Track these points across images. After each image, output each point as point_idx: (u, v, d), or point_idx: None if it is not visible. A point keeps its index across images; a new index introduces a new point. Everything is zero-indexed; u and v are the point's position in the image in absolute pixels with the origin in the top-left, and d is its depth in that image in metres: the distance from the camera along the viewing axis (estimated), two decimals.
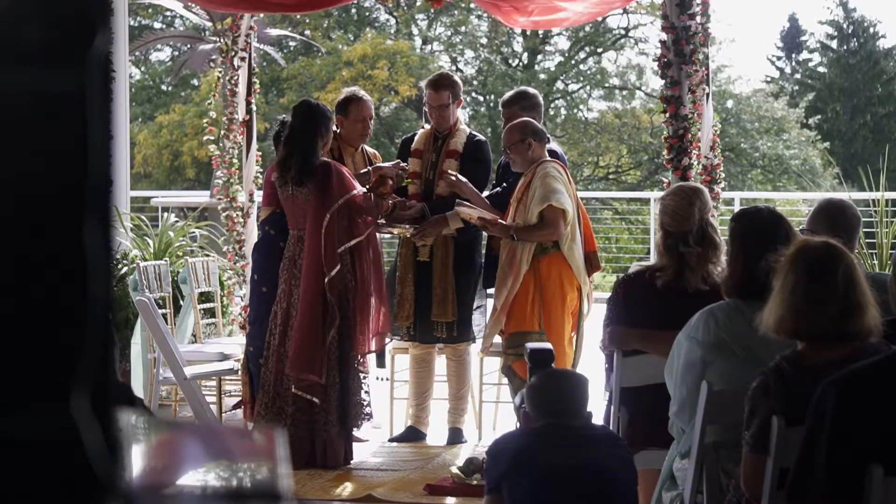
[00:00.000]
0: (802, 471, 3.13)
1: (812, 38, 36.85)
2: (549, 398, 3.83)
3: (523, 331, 6.30)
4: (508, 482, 3.69)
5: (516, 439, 3.88)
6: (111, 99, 0.83)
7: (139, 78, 30.46)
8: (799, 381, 3.36)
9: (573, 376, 4.05)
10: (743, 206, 4.98)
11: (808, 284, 3.39)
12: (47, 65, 0.80)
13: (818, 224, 4.68)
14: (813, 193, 20.17)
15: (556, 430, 3.77)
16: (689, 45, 7.49)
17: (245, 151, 9.01)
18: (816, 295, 3.38)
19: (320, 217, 6.35)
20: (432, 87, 7.03)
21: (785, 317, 3.42)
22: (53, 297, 0.80)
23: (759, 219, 4.13)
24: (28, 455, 0.79)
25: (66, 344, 0.80)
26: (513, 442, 3.85)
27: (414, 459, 6.62)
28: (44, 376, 0.80)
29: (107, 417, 0.81)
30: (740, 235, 4.11)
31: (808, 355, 3.42)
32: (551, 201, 6.25)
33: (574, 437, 3.77)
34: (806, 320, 3.39)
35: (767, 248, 3.93)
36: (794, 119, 29.24)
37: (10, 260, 0.79)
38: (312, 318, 6.33)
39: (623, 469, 3.76)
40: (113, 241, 0.83)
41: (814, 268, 3.41)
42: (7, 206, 0.79)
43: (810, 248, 3.46)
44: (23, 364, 0.79)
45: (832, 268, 3.39)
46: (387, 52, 27.02)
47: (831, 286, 3.38)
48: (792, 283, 3.41)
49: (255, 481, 1.00)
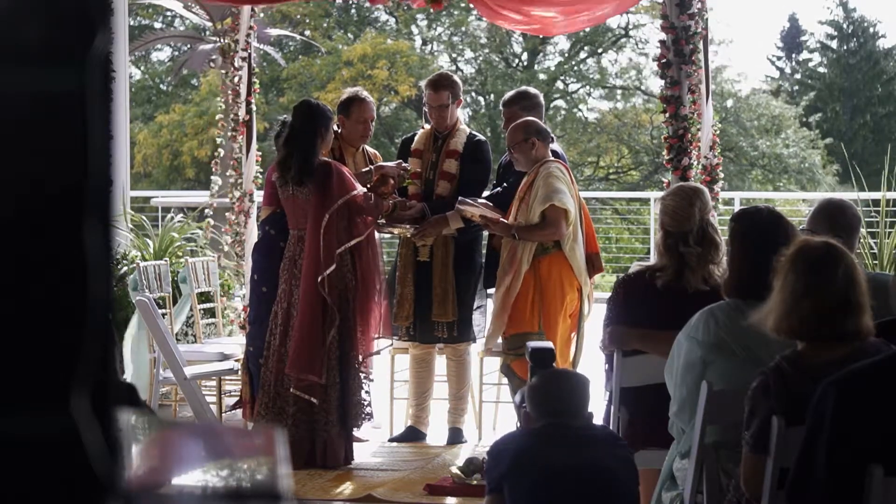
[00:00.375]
0: (802, 471, 3.13)
1: (812, 38, 36.87)
2: (549, 398, 3.83)
3: (523, 332, 6.30)
4: (509, 482, 3.70)
5: (517, 440, 3.88)
6: (111, 99, 0.83)
7: (139, 78, 30.46)
8: (799, 380, 3.35)
9: (574, 376, 4.05)
10: (743, 206, 4.97)
11: (808, 284, 3.39)
12: (47, 65, 0.80)
13: (818, 224, 4.68)
14: (813, 193, 20.19)
15: (557, 431, 3.77)
16: (688, 45, 7.50)
17: (245, 151, 9.02)
18: (816, 294, 3.38)
19: (320, 217, 6.35)
20: (432, 88, 7.03)
21: (784, 316, 3.41)
22: (53, 297, 0.80)
23: (759, 219, 4.13)
24: (28, 455, 0.79)
25: (66, 344, 0.80)
26: (513, 442, 3.85)
27: (414, 459, 6.62)
28: (44, 376, 0.80)
29: (107, 417, 0.81)
30: (740, 235, 4.11)
31: (808, 355, 3.42)
32: (553, 201, 6.25)
33: (574, 438, 3.77)
34: (806, 320, 3.39)
35: (768, 248, 3.93)
36: (792, 117, 29.25)
37: (10, 260, 0.79)
38: (312, 319, 6.33)
39: (624, 469, 3.77)
40: (113, 241, 0.83)
41: (814, 267, 3.41)
42: (7, 206, 0.79)
43: (810, 247, 3.46)
44: (23, 364, 0.79)
45: (832, 267, 3.39)
46: (387, 52, 27.02)
47: (831, 286, 3.38)
48: (792, 283, 3.41)
49: (255, 481, 1.00)
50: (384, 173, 6.69)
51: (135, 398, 3.31)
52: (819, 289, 3.38)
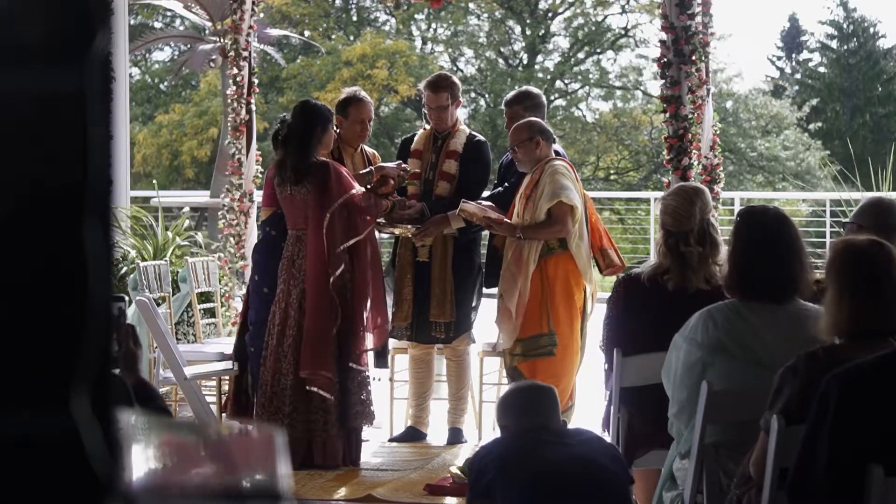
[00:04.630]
0: (804, 464, 3.12)
1: (812, 38, 36.86)
2: (526, 407, 3.90)
3: (534, 335, 6.30)
4: (501, 488, 3.69)
5: (499, 447, 3.91)
6: (111, 99, 0.83)
7: (139, 78, 30.45)
8: (828, 370, 3.31)
9: (541, 387, 4.11)
10: (746, 205, 4.95)
11: (850, 281, 3.36)
12: (47, 65, 0.80)
13: (865, 219, 4.61)
14: (813, 193, 20.17)
15: (538, 434, 3.82)
16: (688, 45, 7.50)
17: (245, 151, 9.02)
18: (857, 292, 3.36)
19: (321, 217, 6.35)
20: (431, 89, 7.02)
21: (829, 316, 3.39)
22: (53, 296, 0.80)
23: (764, 218, 4.11)
24: (28, 455, 0.79)
25: (66, 344, 0.80)
26: (495, 450, 3.88)
27: (414, 459, 6.62)
28: (44, 376, 0.80)
29: (107, 417, 0.81)
30: (745, 233, 4.08)
31: (846, 348, 3.37)
32: (561, 197, 6.24)
33: (557, 437, 3.83)
34: (846, 317, 3.36)
35: (770, 248, 3.93)
36: (792, 118, 29.24)
37: (11, 260, 0.79)
38: (320, 317, 6.34)
39: (611, 461, 3.79)
40: (113, 241, 0.82)
41: (856, 265, 3.38)
42: (7, 206, 0.79)
43: (854, 245, 3.44)
44: (23, 364, 0.79)
45: (874, 265, 3.37)
46: (386, 52, 27.01)
47: (873, 283, 3.35)
48: (835, 281, 3.38)
49: (255, 481, 1.00)
50: (384, 174, 6.69)
51: (152, 395, 3.32)
52: (859, 286, 3.36)
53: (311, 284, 6.36)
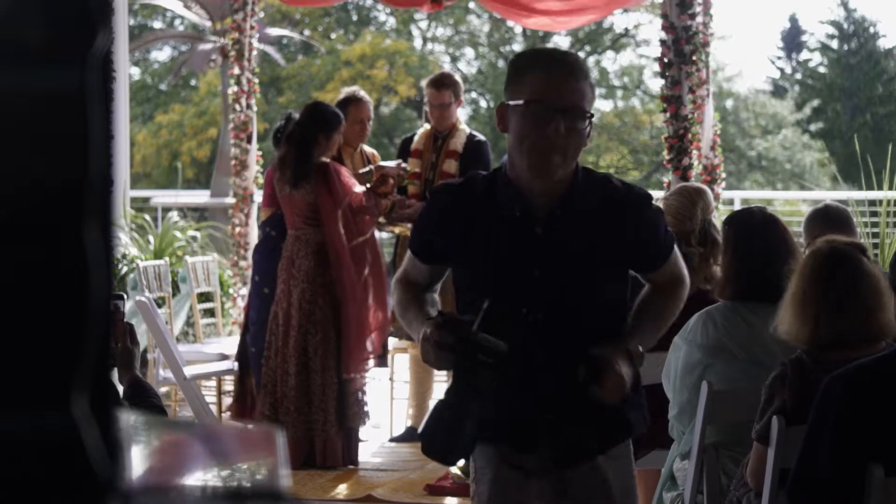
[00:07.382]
0: (804, 467, 3.12)
1: (812, 37, 36.87)
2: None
3: None
4: None
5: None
6: (111, 99, 0.83)
7: (139, 78, 30.45)
8: (817, 374, 3.32)
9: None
10: (735, 209, 4.97)
11: (820, 288, 3.37)
12: (47, 65, 0.80)
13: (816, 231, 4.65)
14: (813, 193, 20.16)
15: None
16: (689, 45, 7.49)
17: (246, 151, 9.01)
18: (826, 298, 3.36)
19: (334, 217, 6.37)
20: (434, 86, 7.03)
21: (797, 323, 3.39)
22: (53, 297, 0.80)
23: (751, 221, 4.11)
24: (28, 455, 0.79)
25: (66, 344, 0.80)
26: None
27: (414, 459, 6.62)
28: (44, 376, 0.80)
29: (107, 417, 0.81)
30: (733, 239, 4.08)
31: (829, 351, 3.39)
32: None
33: None
34: (819, 326, 3.37)
35: (761, 250, 3.92)
36: (792, 118, 29.24)
37: (10, 260, 0.79)
38: (361, 311, 6.42)
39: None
40: (113, 241, 0.82)
41: (822, 271, 3.39)
42: (7, 206, 0.79)
43: (818, 251, 3.45)
44: (23, 364, 0.79)
45: (840, 269, 3.37)
46: (386, 52, 27.02)
47: (842, 288, 3.35)
48: (801, 288, 3.39)
49: (255, 481, 1.00)
50: (384, 173, 6.69)
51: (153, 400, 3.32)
52: (829, 292, 3.36)
53: (347, 282, 6.40)
